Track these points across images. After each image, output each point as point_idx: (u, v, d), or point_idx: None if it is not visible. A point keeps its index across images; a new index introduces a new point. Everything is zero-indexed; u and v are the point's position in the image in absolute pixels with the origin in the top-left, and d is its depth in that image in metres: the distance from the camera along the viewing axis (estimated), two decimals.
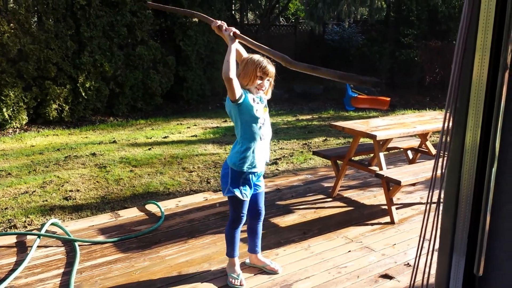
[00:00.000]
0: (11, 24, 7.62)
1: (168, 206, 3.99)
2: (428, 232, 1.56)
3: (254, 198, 2.74)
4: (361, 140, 4.42)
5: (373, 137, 3.75)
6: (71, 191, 4.97)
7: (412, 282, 1.78)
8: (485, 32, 1.11)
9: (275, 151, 6.57)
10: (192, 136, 7.69)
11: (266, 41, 12.05)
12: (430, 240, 1.52)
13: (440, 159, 1.40)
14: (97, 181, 5.33)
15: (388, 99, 9.57)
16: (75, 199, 4.74)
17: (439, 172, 1.42)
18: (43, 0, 7.81)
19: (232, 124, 8.55)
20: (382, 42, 12.41)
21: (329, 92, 11.59)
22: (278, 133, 7.82)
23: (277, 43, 13.09)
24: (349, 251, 3.19)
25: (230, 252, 2.77)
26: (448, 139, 1.29)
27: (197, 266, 2.95)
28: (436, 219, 1.31)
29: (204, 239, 3.33)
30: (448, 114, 1.29)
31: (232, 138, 7.43)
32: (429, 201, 1.56)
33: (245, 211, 2.69)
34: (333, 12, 11.69)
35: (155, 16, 9.60)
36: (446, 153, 1.34)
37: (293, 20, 15.51)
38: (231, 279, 2.73)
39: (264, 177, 5.31)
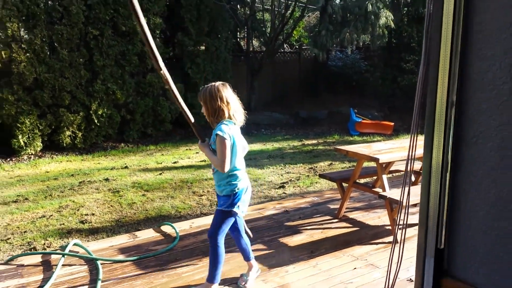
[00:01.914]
0: (27, 54, 7.98)
1: (182, 227, 4.19)
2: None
3: None
4: (366, 164, 4.63)
5: (376, 160, 3.97)
6: (86, 214, 5.19)
7: None
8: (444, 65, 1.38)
9: (282, 175, 6.78)
10: (201, 161, 7.92)
11: (271, 68, 12.46)
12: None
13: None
14: (111, 205, 5.55)
15: (392, 124, 9.82)
16: (91, 222, 4.95)
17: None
18: (58, 30, 8.19)
19: None
20: (384, 68, 12.74)
21: (333, 117, 11.86)
22: (285, 157, 8.05)
23: (282, 69, 13.49)
24: (355, 268, 3.37)
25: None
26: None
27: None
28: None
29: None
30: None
31: None
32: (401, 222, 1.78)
33: None
34: (336, 39, 12.07)
35: (165, 45, 9.98)
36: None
37: (297, 47, 15.92)
38: None
39: (272, 199, 5.53)
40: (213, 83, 2.90)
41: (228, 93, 2.86)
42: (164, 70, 2.59)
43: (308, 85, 13.64)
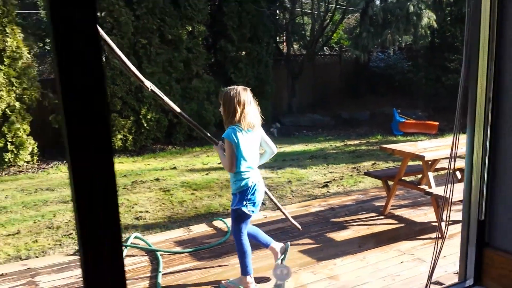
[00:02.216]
0: None
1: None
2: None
3: None
4: (410, 163, 4.69)
5: (421, 158, 4.03)
6: (141, 212, 5.50)
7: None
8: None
9: (325, 174, 6.89)
10: None
11: (312, 71, 12.56)
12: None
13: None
14: (163, 203, 5.85)
15: (437, 123, 9.71)
16: (145, 219, 5.26)
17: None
18: None
19: (282, 150, 8.94)
20: (427, 68, 12.58)
21: (375, 118, 11.83)
22: (328, 158, 8.15)
23: (322, 71, 13.57)
24: (402, 262, 3.46)
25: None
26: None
27: (263, 272, 3.32)
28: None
29: (267, 250, 3.69)
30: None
31: (283, 163, 7.83)
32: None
33: None
34: (377, 40, 12.03)
35: (208, 51, 10.31)
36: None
37: (337, 49, 15.95)
38: None
39: (316, 198, 5.67)
40: (235, 87, 3.04)
41: (246, 98, 2.96)
42: (153, 88, 2.81)
43: (349, 87, 13.65)
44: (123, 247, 3.75)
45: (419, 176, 4.84)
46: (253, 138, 3.03)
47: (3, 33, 7.69)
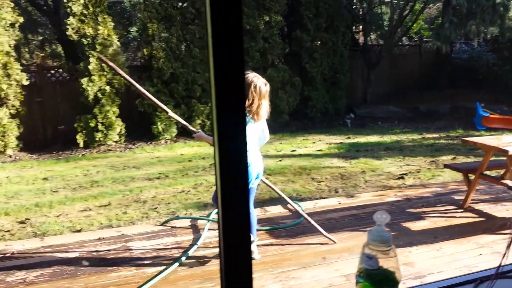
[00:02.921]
0: (165, 51, 8.98)
1: (307, 206, 4.55)
2: None
3: None
4: (493, 158, 4.53)
5: (505, 152, 3.90)
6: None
7: None
8: None
9: (401, 166, 6.79)
10: (318, 150, 8.22)
11: (389, 62, 12.25)
12: None
13: None
14: None
15: None
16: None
17: None
18: (191, 30, 9.07)
19: (356, 140, 8.90)
20: None
21: (456, 112, 11.33)
22: (404, 150, 8.00)
23: (400, 63, 13.19)
24: (480, 254, 3.40)
25: None
26: None
27: (338, 254, 3.43)
28: None
29: (342, 234, 3.80)
30: None
31: (357, 153, 7.81)
32: None
33: None
34: (461, 31, 11.46)
35: (284, 41, 10.44)
36: None
37: (416, 39, 15.37)
38: None
39: (391, 188, 5.63)
40: (258, 79, 3.22)
41: (265, 93, 3.20)
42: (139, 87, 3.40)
43: (429, 79, 13.14)
44: (206, 221, 4.02)
45: (502, 171, 4.66)
46: (256, 127, 3.26)
47: (96, 21, 8.33)
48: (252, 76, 3.23)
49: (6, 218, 5.05)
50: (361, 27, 14.22)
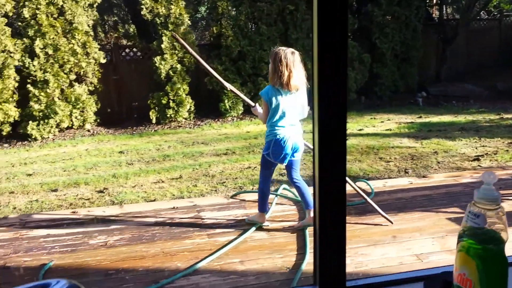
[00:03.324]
0: (234, 29, 9.06)
1: (376, 185, 4.47)
2: None
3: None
4: None
5: None
6: (284, 169, 5.79)
7: None
8: None
9: (476, 148, 6.45)
10: (386, 129, 7.99)
11: (466, 37, 11.49)
12: None
13: None
14: (305, 163, 6.03)
15: None
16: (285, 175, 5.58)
17: None
18: (259, 7, 9.06)
19: (427, 120, 8.55)
20: None
21: None
22: (480, 130, 7.57)
23: (478, 38, 12.38)
24: None
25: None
26: None
27: (409, 233, 3.36)
28: None
29: (413, 214, 3.71)
30: None
31: (428, 133, 7.50)
32: None
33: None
34: None
35: (353, 16, 10.13)
36: None
37: (495, 13, 14.30)
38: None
39: (464, 169, 5.38)
40: (284, 48, 3.25)
41: (293, 61, 3.17)
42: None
43: (509, 55, 12.23)
44: (274, 196, 4.09)
45: None
46: (292, 100, 3.27)
47: (168, 1, 8.55)
48: (277, 49, 3.29)
49: (86, 187, 5.44)
50: (435, 0, 13.46)
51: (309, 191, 3.52)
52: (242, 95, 3.87)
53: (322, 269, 0.76)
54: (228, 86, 3.76)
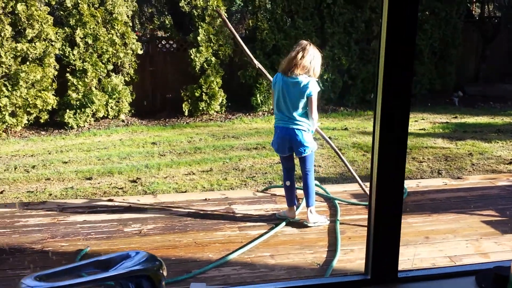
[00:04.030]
0: (269, 23, 9.05)
1: (409, 185, 4.40)
2: None
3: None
4: None
5: None
6: (314, 165, 5.81)
7: None
8: None
9: None
10: (420, 129, 7.84)
11: (507, 36, 11.01)
12: None
13: None
14: (335, 161, 6.07)
15: None
16: (318, 172, 5.57)
17: None
18: (296, 0, 9.00)
19: (463, 120, 8.33)
20: None
21: None
22: None
23: None
24: None
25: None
26: None
27: (442, 235, 3.31)
28: None
29: (448, 215, 3.64)
30: None
31: (464, 134, 7.32)
32: None
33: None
34: None
35: None
36: None
37: None
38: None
39: (500, 172, 5.23)
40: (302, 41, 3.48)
41: (297, 49, 3.37)
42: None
43: None
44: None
45: None
46: (292, 87, 3.30)
47: None
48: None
49: (119, 177, 5.57)
50: None
51: (311, 189, 3.51)
52: (267, 74, 4.05)
53: (375, 260, 0.77)
54: (257, 64, 3.98)
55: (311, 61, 3.29)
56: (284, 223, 3.48)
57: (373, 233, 0.73)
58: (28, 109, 7.82)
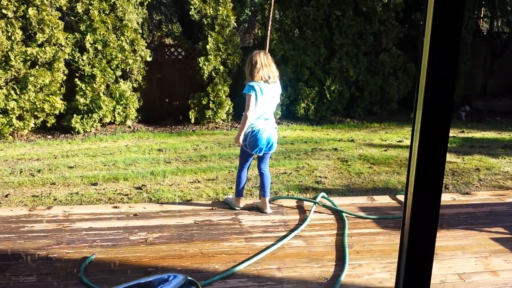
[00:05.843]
0: (278, 33, 9.07)
1: None
2: None
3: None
4: None
5: None
6: (320, 177, 5.79)
7: None
8: None
9: None
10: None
11: None
12: None
13: None
14: (341, 172, 6.04)
15: None
16: (324, 183, 5.54)
17: None
18: (305, 12, 9.03)
19: (470, 135, 8.26)
20: None
21: None
22: None
23: None
24: None
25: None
26: None
27: (451, 251, 3.27)
28: None
29: (456, 231, 3.60)
30: None
31: (471, 149, 7.28)
32: None
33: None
34: None
35: (401, 24, 9.95)
36: None
37: None
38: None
39: (507, 188, 5.18)
40: (257, 51, 3.95)
41: (262, 60, 3.90)
42: None
43: None
44: (312, 203, 4.06)
45: None
46: (272, 90, 3.95)
47: (216, 2, 8.65)
48: (254, 52, 3.99)
49: (125, 183, 5.56)
50: (483, 12, 13.05)
51: (269, 181, 4.04)
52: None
53: (407, 276, 0.75)
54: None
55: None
56: (291, 235, 3.45)
57: (406, 248, 0.71)
58: (35, 113, 7.85)
